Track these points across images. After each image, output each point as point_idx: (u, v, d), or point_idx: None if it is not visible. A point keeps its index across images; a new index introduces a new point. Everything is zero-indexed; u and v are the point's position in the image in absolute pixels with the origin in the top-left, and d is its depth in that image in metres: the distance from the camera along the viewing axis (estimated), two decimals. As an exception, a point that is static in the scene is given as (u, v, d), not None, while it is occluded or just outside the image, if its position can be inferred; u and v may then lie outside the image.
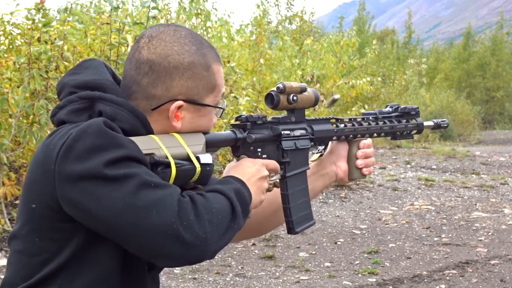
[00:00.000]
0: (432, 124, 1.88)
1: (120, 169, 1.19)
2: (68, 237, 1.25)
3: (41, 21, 5.10)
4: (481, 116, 26.95)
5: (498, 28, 31.67)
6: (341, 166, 1.68)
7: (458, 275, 4.75)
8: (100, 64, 1.39)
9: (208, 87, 1.38)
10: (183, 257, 1.21)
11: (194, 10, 10.87)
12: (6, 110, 5.06)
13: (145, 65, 1.34)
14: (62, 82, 1.37)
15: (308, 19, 18.81)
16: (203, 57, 1.37)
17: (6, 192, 4.96)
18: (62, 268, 1.26)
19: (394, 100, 16.89)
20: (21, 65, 5.01)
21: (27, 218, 1.29)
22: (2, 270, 4.51)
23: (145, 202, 1.17)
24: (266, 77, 11.06)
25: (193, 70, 1.35)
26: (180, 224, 1.18)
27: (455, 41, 41.80)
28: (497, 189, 8.73)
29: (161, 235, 1.17)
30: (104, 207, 1.18)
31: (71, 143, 1.20)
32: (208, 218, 1.22)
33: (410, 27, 31.26)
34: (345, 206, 7.38)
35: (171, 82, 1.34)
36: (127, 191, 1.17)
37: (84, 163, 1.18)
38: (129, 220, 1.17)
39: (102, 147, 1.19)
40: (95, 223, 1.21)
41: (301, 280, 4.64)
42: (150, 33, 1.37)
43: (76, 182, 1.18)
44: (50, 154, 1.23)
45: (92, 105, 1.30)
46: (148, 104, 1.35)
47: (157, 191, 1.19)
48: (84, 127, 1.22)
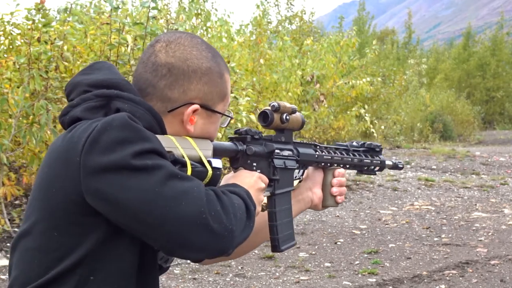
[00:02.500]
0: (391, 163, 1.90)
1: (147, 160, 1.19)
2: (88, 231, 1.24)
3: (41, 21, 5.11)
4: (481, 116, 26.95)
5: (498, 28, 31.67)
6: (316, 192, 1.71)
7: (458, 275, 4.75)
8: (112, 65, 1.41)
9: (221, 95, 1.41)
10: (209, 247, 1.22)
11: (194, 10, 10.87)
12: (6, 110, 5.06)
13: (163, 67, 1.36)
14: (73, 82, 1.37)
15: (308, 19, 18.81)
16: (218, 65, 1.40)
17: (6, 192, 4.96)
18: (80, 264, 1.25)
19: (394, 100, 16.88)
20: (21, 65, 5.01)
21: (44, 214, 1.27)
22: (2, 270, 4.51)
23: (174, 192, 1.18)
24: (266, 77, 11.06)
25: (209, 76, 1.38)
26: (209, 214, 1.19)
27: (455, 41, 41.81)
28: (497, 189, 8.73)
29: (191, 224, 1.18)
30: (133, 197, 1.18)
31: (96, 135, 1.20)
32: (232, 212, 1.24)
33: (410, 27, 31.26)
34: (345, 206, 7.38)
35: (188, 85, 1.36)
36: (156, 181, 1.18)
37: (110, 155, 1.18)
38: (158, 209, 1.17)
39: (128, 139, 1.20)
40: (122, 215, 1.20)
41: (301, 280, 4.64)
42: (167, 38, 1.39)
43: (104, 173, 1.18)
44: (74, 147, 1.22)
45: (108, 103, 1.30)
46: (163, 106, 1.36)
47: (185, 182, 1.21)
48: (109, 119, 1.22)
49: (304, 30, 17.79)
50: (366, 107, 14.67)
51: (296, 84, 11.06)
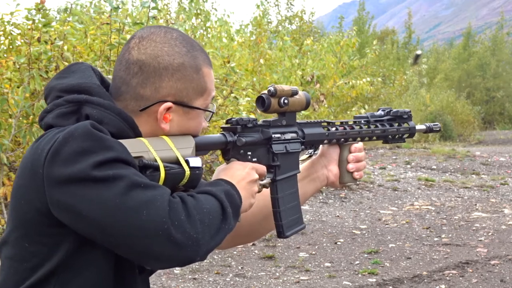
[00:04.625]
0: (424, 128, 1.85)
1: (109, 170, 1.17)
2: (57, 242, 1.24)
3: (41, 21, 5.10)
4: (481, 116, 26.94)
5: (498, 28, 31.67)
6: (332, 169, 1.67)
7: (458, 275, 4.75)
8: (87, 67, 1.38)
9: (198, 90, 1.37)
10: (174, 258, 1.19)
11: (194, 10, 10.87)
12: (6, 110, 5.06)
13: (134, 65, 1.33)
14: (49, 86, 1.36)
15: (308, 19, 18.81)
16: (194, 59, 1.36)
17: (6, 192, 4.96)
18: (53, 274, 1.25)
19: (394, 101, 16.89)
20: (21, 65, 5.01)
21: (16, 224, 1.28)
22: (2, 270, 4.52)
23: (136, 202, 1.16)
24: (266, 77, 11.06)
25: (182, 72, 1.34)
26: (172, 224, 1.16)
27: (455, 41, 41.81)
28: (497, 189, 8.73)
29: (152, 235, 1.15)
30: (94, 208, 1.16)
31: (58, 147, 1.19)
32: (199, 218, 1.20)
33: (410, 27, 31.26)
34: (345, 206, 7.38)
35: (160, 83, 1.33)
36: (117, 191, 1.16)
37: (72, 167, 1.17)
38: (119, 221, 1.15)
39: (89, 150, 1.18)
40: (85, 226, 1.19)
41: (301, 280, 4.64)
42: (141, 34, 1.36)
43: (65, 185, 1.17)
44: (37, 159, 1.22)
45: (79, 108, 1.29)
46: (136, 105, 1.34)
47: (147, 191, 1.18)
48: (71, 130, 1.21)
49: (304, 30, 17.79)
50: (366, 107, 14.67)
51: (296, 84, 11.05)
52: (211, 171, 7.58)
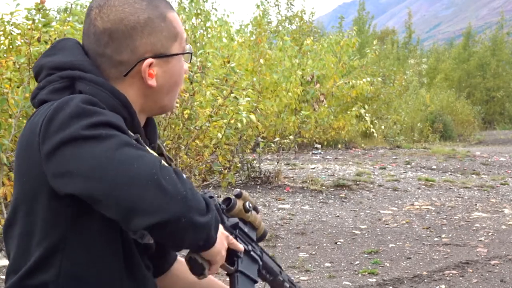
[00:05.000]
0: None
1: (101, 130, 1.17)
2: (56, 215, 1.24)
3: (41, 21, 5.10)
4: (481, 116, 26.96)
5: (498, 28, 31.69)
6: None
7: (458, 276, 4.75)
8: (75, 44, 1.39)
9: (170, 37, 1.37)
10: (162, 208, 1.14)
11: (194, 10, 10.87)
12: (6, 110, 5.06)
13: (103, 35, 1.33)
14: (38, 64, 1.36)
15: (308, 19, 18.82)
16: (156, 9, 1.36)
17: (6, 192, 4.96)
18: (57, 250, 1.25)
19: (394, 100, 16.88)
20: (21, 65, 5.01)
21: (22, 201, 1.29)
22: (2, 270, 4.51)
23: (127, 156, 1.15)
24: (266, 77, 11.06)
25: (150, 26, 1.34)
26: (162, 176, 1.15)
27: (455, 41, 41.81)
28: (497, 189, 8.73)
29: (142, 184, 1.13)
30: (83, 164, 1.15)
31: (52, 114, 1.20)
32: (189, 187, 1.19)
33: (410, 27, 31.28)
34: (345, 206, 7.38)
35: (134, 43, 1.33)
36: (108, 147, 1.15)
37: (64, 130, 1.17)
38: (108, 174, 1.14)
39: (82, 114, 1.18)
40: (75, 184, 1.16)
41: (301, 281, 4.64)
42: (98, 3, 1.35)
43: (59, 148, 1.17)
44: (33, 131, 1.23)
45: (72, 84, 1.29)
46: (117, 71, 1.34)
47: (139, 150, 1.18)
48: (65, 99, 1.22)
49: (304, 30, 17.80)
50: (366, 107, 14.68)
51: (296, 84, 11.06)
52: (211, 171, 7.58)
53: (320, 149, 13.40)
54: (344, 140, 14.31)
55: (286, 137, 9.81)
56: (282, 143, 9.38)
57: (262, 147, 8.36)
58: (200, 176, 7.26)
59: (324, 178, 8.72)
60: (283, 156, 9.71)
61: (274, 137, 10.12)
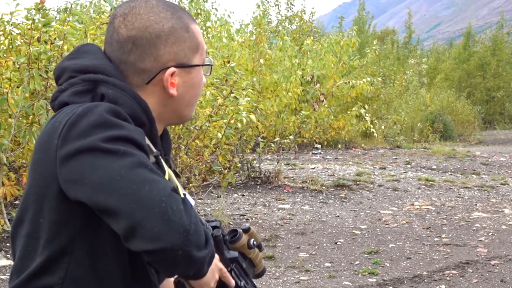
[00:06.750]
0: None
1: (120, 146, 1.18)
2: (66, 219, 1.25)
3: (41, 21, 5.10)
4: (481, 116, 26.96)
5: (498, 28, 31.68)
6: None
7: (458, 276, 4.75)
8: (99, 49, 1.40)
9: (193, 48, 1.38)
10: (161, 237, 1.14)
11: (194, 10, 10.87)
12: (6, 110, 5.06)
13: (127, 43, 1.34)
14: (61, 67, 1.37)
15: (308, 19, 18.81)
16: (180, 20, 1.37)
17: (6, 192, 4.96)
18: (65, 253, 1.25)
19: (394, 100, 16.89)
20: (21, 65, 5.00)
21: (32, 200, 1.29)
22: (2, 270, 4.51)
23: (140, 178, 1.15)
24: (266, 77, 11.06)
25: (175, 35, 1.35)
26: (169, 206, 1.15)
27: (455, 41, 41.83)
28: (497, 189, 8.72)
29: (148, 209, 1.14)
30: (97, 176, 1.16)
31: (76, 119, 1.21)
32: (193, 218, 1.20)
33: (410, 27, 31.28)
34: (345, 206, 7.38)
35: (157, 52, 1.34)
36: (124, 164, 1.16)
37: (85, 139, 1.18)
38: (119, 191, 1.15)
39: (104, 124, 1.19)
40: (85, 193, 1.18)
41: (301, 281, 4.64)
42: (123, 11, 1.36)
43: (75, 155, 1.18)
44: (55, 131, 1.23)
45: (94, 87, 1.30)
46: (140, 79, 1.35)
47: (153, 174, 1.18)
48: (91, 105, 1.23)
49: (304, 30, 17.80)
50: (366, 107, 14.68)
51: (296, 84, 11.06)
52: (211, 171, 7.58)
53: (320, 149, 13.40)
54: (344, 140, 14.31)
55: (286, 137, 9.81)
56: (282, 143, 9.38)
57: (262, 147, 8.36)
58: (200, 176, 7.26)
59: (324, 178, 8.72)
60: (283, 156, 9.70)
61: (274, 137, 10.12)
